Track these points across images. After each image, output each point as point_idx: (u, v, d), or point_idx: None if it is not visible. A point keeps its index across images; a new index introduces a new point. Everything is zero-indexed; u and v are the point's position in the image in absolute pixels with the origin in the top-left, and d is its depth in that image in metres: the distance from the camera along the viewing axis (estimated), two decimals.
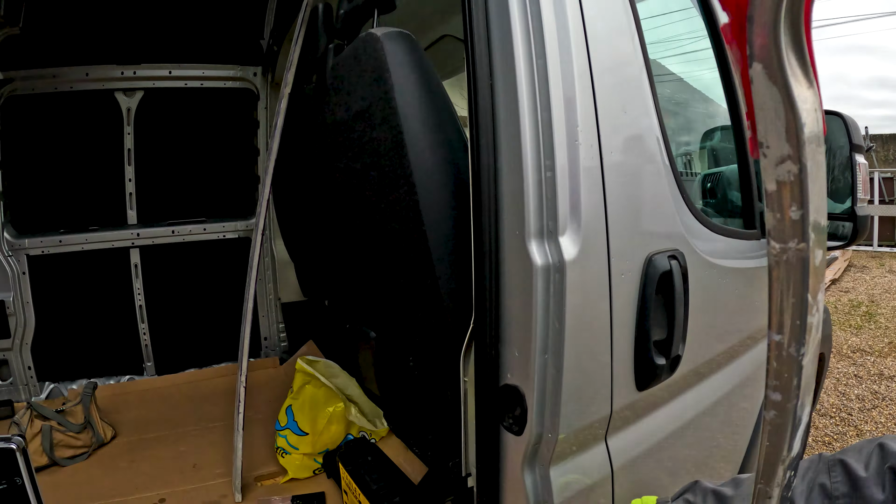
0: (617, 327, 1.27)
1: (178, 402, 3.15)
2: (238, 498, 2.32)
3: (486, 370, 1.21)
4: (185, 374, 3.48)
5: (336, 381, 2.52)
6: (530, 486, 1.24)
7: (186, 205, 3.48)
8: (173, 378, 3.45)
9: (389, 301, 1.84)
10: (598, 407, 1.28)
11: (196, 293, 3.57)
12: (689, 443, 1.66)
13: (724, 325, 1.77)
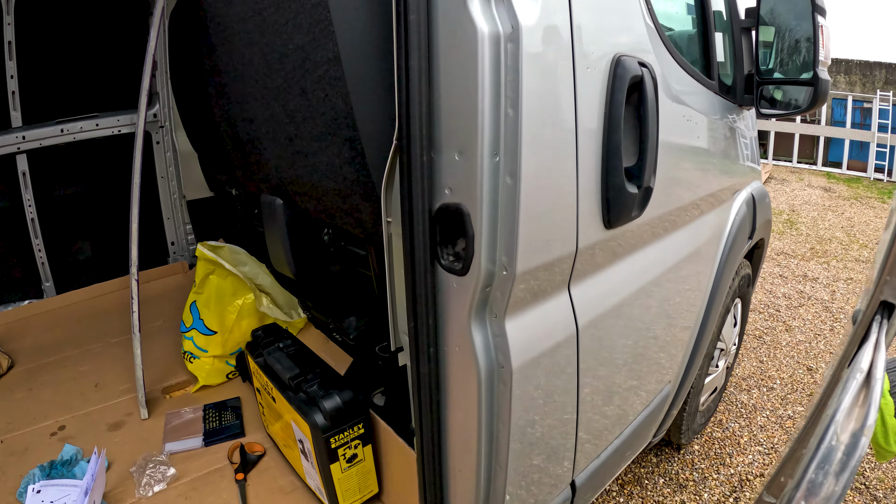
0: (583, 135, 0.98)
1: (79, 321, 2.80)
2: (144, 414, 2.04)
3: (416, 188, 0.90)
4: (88, 289, 3.10)
5: (244, 269, 2.18)
6: (480, 346, 0.97)
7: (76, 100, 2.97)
8: (75, 295, 3.06)
9: (304, 175, 1.51)
10: (562, 240, 1.00)
11: (94, 198, 3.13)
12: (653, 303, 1.45)
13: (691, 173, 1.57)
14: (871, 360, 0.46)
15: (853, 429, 0.44)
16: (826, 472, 0.43)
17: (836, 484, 0.43)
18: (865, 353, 0.47)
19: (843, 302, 4.27)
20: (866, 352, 0.47)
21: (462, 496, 1.19)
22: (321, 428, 1.38)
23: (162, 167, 3.24)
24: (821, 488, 0.43)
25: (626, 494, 2.36)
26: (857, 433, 0.44)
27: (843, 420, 0.44)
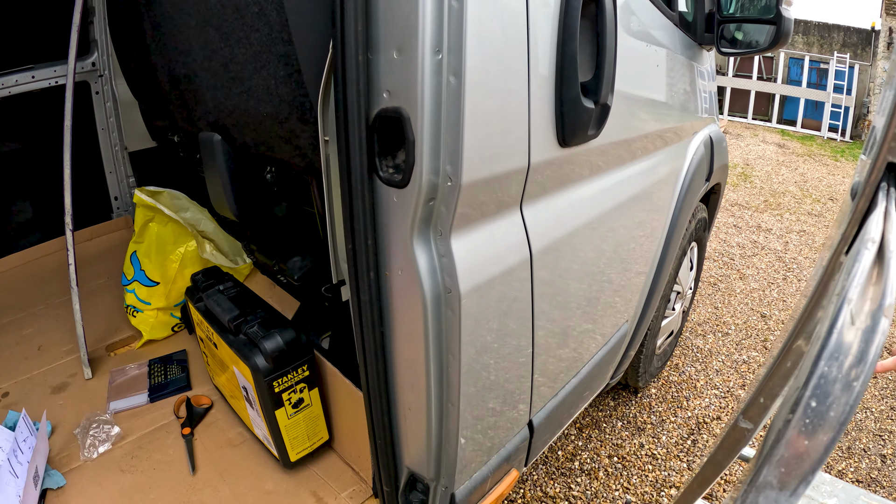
0: (537, 40, 0.90)
1: (21, 284, 2.66)
2: (88, 374, 1.94)
3: (352, 92, 0.80)
4: (29, 251, 2.92)
5: (185, 215, 2.05)
6: (425, 267, 0.89)
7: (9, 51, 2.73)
8: (15, 258, 2.89)
9: (241, 103, 1.40)
10: (512, 153, 0.93)
11: (33, 156, 2.93)
12: (609, 238, 1.40)
13: (650, 102, 1.51)
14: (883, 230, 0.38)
15: (870, 309, 0.35)
16: (841, 362, 0.35)
17: (857, 377, 0.34)
18: (874, 224, 0.39)
19: (795, 253, 4.37)
20: (874, 222, 0.39)
21: (413, 438, 1.13)
22: (262, 371, 1.30)
23: (102, 118, 3.06)
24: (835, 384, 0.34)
25: (585, 438, 2.36)
26: (876, 313, 0.35)
27: (857, 300, 0.36)
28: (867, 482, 2.27)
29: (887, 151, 0.36)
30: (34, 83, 2.78)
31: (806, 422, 0.33)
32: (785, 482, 0.35)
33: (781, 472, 0.35)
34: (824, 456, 0.34)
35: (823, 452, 0.34)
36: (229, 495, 1.47)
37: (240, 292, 1.51)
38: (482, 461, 1.25)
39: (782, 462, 0.34)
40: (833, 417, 0.33)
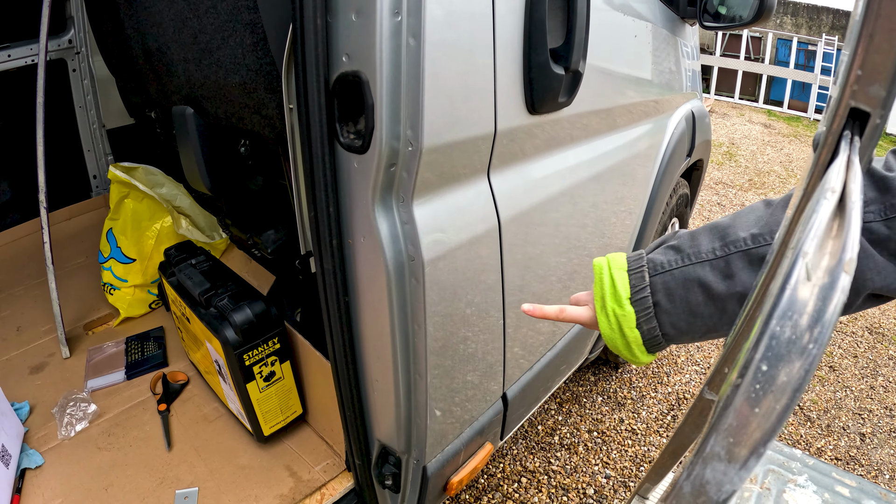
0: (503, 8, 0.88)
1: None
2: (66, 353, 1.92)
3: (311, 56, 0.78)
4: (7, 232, 2.89)
5: (161, 190, 2.01)
6: (386, 235, 0.88)
7: None
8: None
9: (211, 74, 1.38)
10: (477, 118, 0.91)
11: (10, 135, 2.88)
12: (584, 208, 1.39)
13: (628, 72, 1.49)
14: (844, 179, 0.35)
15: (828, 265, 0.32)
16: (795, 322, 0.31)
17: (812, 339, 0.31)
18: (835, 172, 0.36)
19: None
20: (835, 170, 0.36)
21: (383, 410, 1.13)
22: (232, 344, 1.29)
23: (79, 96, 3.02)
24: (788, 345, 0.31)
25: (565, 412, 2.38)
26: (835, 269, 0.32)
27: (815, 254, 0.33)
28: (846, 460, 2.30)
29: (849, 97, 0.34)
30: (10, 62, 2.73)
31: (756, 387, 0.31)
32: (734, 453, 0.32)
33: (730, 443, 0.32)
34: (777, 425, 0.31)
35: (776, 421, 0.31)
36: (204, 471, 1.47)
37: (212, 266, 1.49)
38: (455, 434, 1.25)
39: (731, 431, 0.32)
40: (786, 382, 0.30)
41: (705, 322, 0.70)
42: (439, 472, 1.24)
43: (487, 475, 2.09)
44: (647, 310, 0.72)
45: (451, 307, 1.02)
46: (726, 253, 0.69)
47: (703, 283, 0.69)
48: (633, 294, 0.72)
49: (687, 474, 0.33)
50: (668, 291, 0.71)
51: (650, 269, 0.73)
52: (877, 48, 0.30)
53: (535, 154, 1.13)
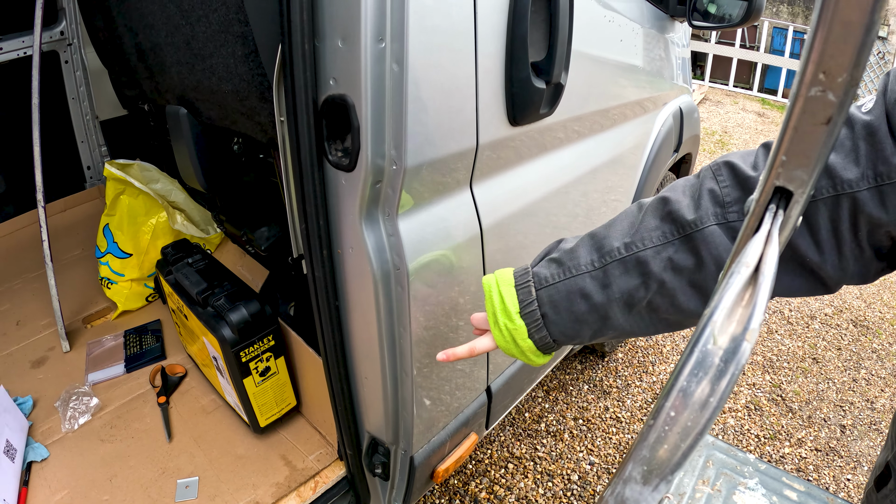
0: (485, 23, 0.93)
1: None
2: (66, 347, 1.96)
3: (299, 79, 0.83)
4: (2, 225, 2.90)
5: (156, 186, 2.06)
6: (373, 247, 0.94)
7: None
8: None
9: (204, 79, 1.41)
10: (459, 135, 0.96)
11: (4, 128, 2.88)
12: (566, 211, 1.45)
13: (612, 77, 1.53)
14: (761, 254, 0.40)
15: (734, 332, 0.38)
16: (700, 379, 0.37)
17: (712, 394, 0.37)
18: (753, 246, 0.41)
19: None
20: (755, 244, 0.41)
21: (372, 405, 1.19)
22: (230, 342, 1.35)
23: (72, 87, 3.01)
24: (693, 398, 0.37)
25: (552, 400, 2.46)
26: (739, 337, 0.37)
27: (723, 321, 0.38)
28: (825, 451, 2.34)
29: (775, 177, 0.39)
30: (3, 55, 2.73)
31: (665, 429, 0.37)
32: (647, 478, 0.38)
33: (644, 470, 0.39)
34: (682, 460, 0.37)
35: (681, 457, 0.37)
36: (204, 460, 1.53)
37: (208, 265, 1.55)
38: (441, 426, 1.32)
39: (644, 461, 0.38)
40: (689, 427, 0.37)
41: (591, 327, 0.77)
42: (426, 462, 1.31)
43: (475, 461, 2.17)
44: (536, 322, 0.78)
45: (435, 309, 1.08)
46: (603, 264, 0.74)
47: (584, 294, 0.75)
48: (522, 308, 0.78)
49: (611, 491, 0.39)
50: (554, 303, 0.77)
51: (536, 284, 0.79)
52: (800, 138, 0.35)
53: (517, 162, 1.18)
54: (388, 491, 1.39)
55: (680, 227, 0.71)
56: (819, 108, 0.31)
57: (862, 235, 0.67)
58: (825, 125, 0.31)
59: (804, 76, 0.30)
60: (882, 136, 0.63)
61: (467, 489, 2.06)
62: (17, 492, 1.40)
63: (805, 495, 0.77)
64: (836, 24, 0.28)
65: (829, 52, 0.28)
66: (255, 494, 1.43)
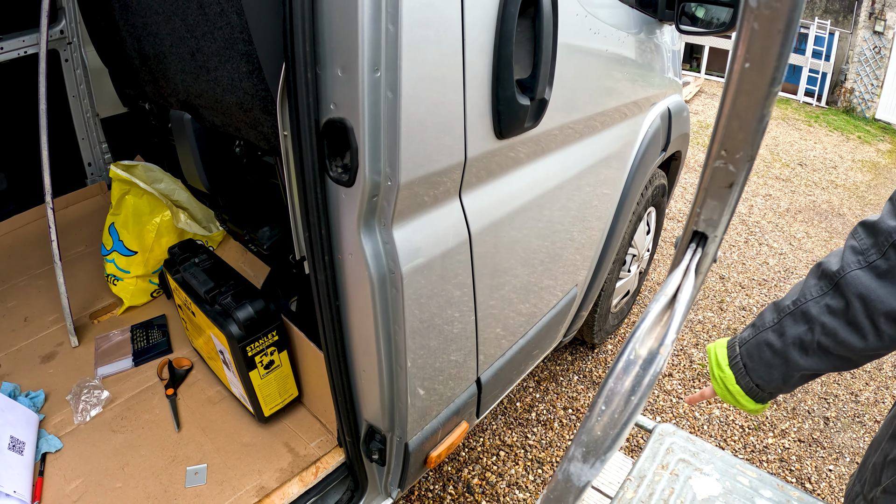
0: (472, 48, 1.01)
1: (1, 256, 2.67)
2: (74, 342, 2.03)
3: (303, 103, 0.92)
4: (6, 222, 2.94)
5: (160, 186, 2.14)
6: (370, 253, 1.03)
7: None
8: None
9: (208, 89, 1.48)
10: (448, 151, 1.05)
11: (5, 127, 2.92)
12: (552, 214, 1.54)
13: (596, 85, 1.60)
14: (679, 285, 0.50)
15: (652, 346, 0.48)
16: (624, 381, 0.48)
17: (634, 393, 0.47)
18: (674, 278, 0.51)
19: (759, 216, 4.50)
20: (675, 277, 0.51)
21: (369, 395, 1.29)
22: (237, 338, 1.44)
23: (72, 86, 3.05)
24: (619, 395, 0.47)
25: (542, 390, 2.56)
26: (654, 350, 0.48)
27: (644, 336, 0.49)
28: (808, 442, 2.42)
29: (693, 223, 0.49)
30: (3, 54, 2.76)
31: (598, 419, 0.48)
32: (586, 458, 0.49)
33: (584, 451, 0.49)
34: (613, 444, 0.48)
35: (612, 442, 0.48)
36: (211, 448, 1.62)
37: (214, 264, 1.64)
38: (433, 415, 1.42)
39: (583, 444, 0.49)
40: (617, 419, 0.48)
41: (778, 370, 0.97)
42: (420, 448, 1.41)
43: (468, 448, 2.27)
44: (740, 370, 1.01)
45: (427, 309, 1.18)
46: (779, 318, 0.96)
47: (768, 343, 0.97)
48: (731, 360, 1.03)
49: (560, 469, 0.49)
50: (750, 354, 1.00)
51: (739, 343, 1.03)
52: (711, 196, 0.44)
53: (503, 171, 1.27)
54: (385, 476, 1.49)
55: (830, 278, 0.89)
56: (723, 176, 0.40)
57: None
58: (728, 188, 0.41)
59: (711, 151, 0.39)
60: None
61: (460, 475, 2.16)
62: (32, 483, 1.48)
63: (756, 481, 0.86)
64: (733, 117, 0.37)
65: (729, 136, 0.37)
66: (260, 479, 1.52)
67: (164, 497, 1.49)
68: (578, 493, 0.49)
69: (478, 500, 2.09)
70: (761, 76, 0.33)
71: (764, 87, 0.34)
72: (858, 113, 8.30)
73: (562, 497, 0.50)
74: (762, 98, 0.35)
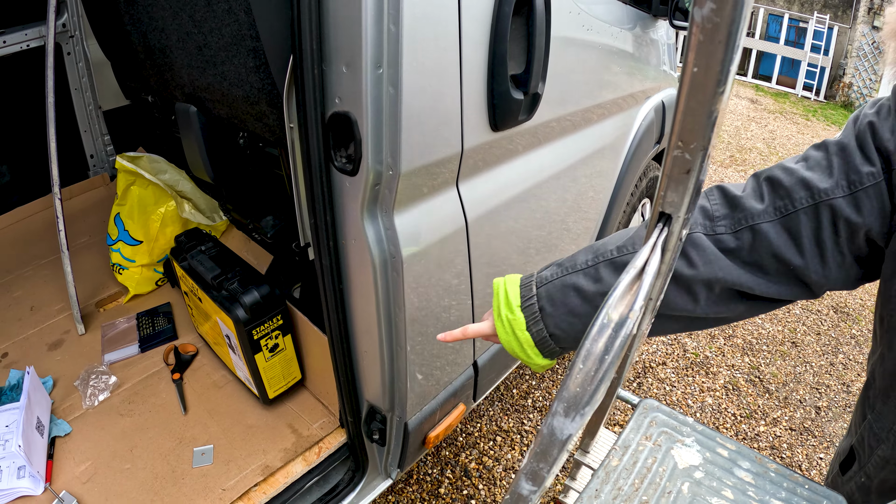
0: (469, 47, 1.07)
1: (6, 247, 2.72)
2: (81, 330, 2.08)
3: (309, 97, 0.98)
4: (10, 214, 2.98)
5: (164, 177, 2.19)
6: (373, 239, 1.09)
7: None
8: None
9: (215, 83, 1.53)
10: (446, 143, 1.11)
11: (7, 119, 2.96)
12: (546, 203, 1.60)
13: (589, 79, 1.65)
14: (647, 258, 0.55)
15: (622, 312, 0.53)
16: (598, 343, 0.52)
17: (607, 352, 0.52)
18: (643, 253, 0.55)
19: None
20: (644, 252, 0.55)
21: (370, 376, 1.35)
22: (243, 321, 1.50)
23: (75, 79, 3.08)
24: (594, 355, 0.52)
25: (538, 378, 2.62)
26: (624, 315, 0.52)
27: (616, 303, 0.53)
28: (800, 431, 2.47)
29: (659, 205, 0.54)
30: (6, 48, 2.79)
31: (577, 377, 0.53)
32: (567, 412, 0.54)
33: (565, 406, 0.55)
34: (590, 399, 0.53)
35: (589, 397, 0.53)
36: (217, 430, 1.68)
37: (219, 252, 1.69)
38: (432, 395, 1.48)
39: (564, 399, 0.55)
40: (593, 376, 0.53)
41: (583, 321, 0.84)
42: (418, 428, 1.48)
43: (465, 434, 2.33)
44: (534, 315, 0.85)
45: (426, 292, 1.24)
46: (596, 262, 0.84)
47: (577, 288, 0.84)
48: (523, 302, 0.86)
49: (545, 423, 0.55)
50: (550, 298, 0.85)
51: (537, 282, 0.88)
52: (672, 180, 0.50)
53: (498, 162, 1.33)
54: (385, 456, 1.55)
55: None
56: (681, 163, 0.46)
57: (842, 241, 0.77)
58: (686, 174, 0.47)
59: (670, 142, 0.45)
60: (852, 150, 0.75)
61: (458, 460, 2.23)
62: (45, 464, 1.54)
63: (735, 453, 0.92)
64: (687, 113, 0.43)
65: (684, 129, 0.43)
66: (265, 459, 1.59)
67: (171, 477, 1.55)
68: (562, 445, 0.55)
69: (475, 483, 2.16)
70: (707, 79, 0.39)
71: (711, 88, 0.40)
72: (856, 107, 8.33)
73: (547, 450, 0.56)
74: (710, 97, 0.41)
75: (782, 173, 0.80)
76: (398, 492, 2.11)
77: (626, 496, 0.83)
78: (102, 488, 1.51)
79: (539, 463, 0.57)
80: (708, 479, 0.86)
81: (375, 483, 1.62)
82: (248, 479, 1.53)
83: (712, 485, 0.86)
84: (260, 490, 1.51)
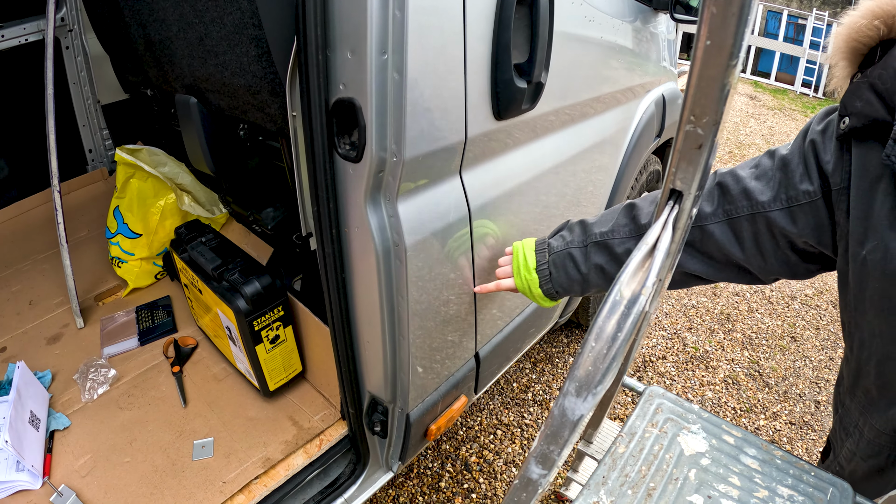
0: (473, 34, 1.06)
1: (4, 241, 2.70)
2: (80, 323, 2.07)
3: (313, 84, 0.97)
4: (9, 208, 2.96)
5: (164, 169, 2.18)
6: (376, 226, 1.08)
7: None
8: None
9: (216, 73, 1.52)
10: (450, 130, 1.11)
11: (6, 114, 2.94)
12: (548, 193, 1.59)
13: (591, 71, 1.65)
14: (658, 236, 0.55)
15: (634, 289, 0.53)
16: (610, 320, 0.53)
17: (620, 330, 0.52)
18: (654, 230, 0.56)
19: None
20: (655, 229, 0.56)
21: (373, 366, 1.35)
22: (244, 312, 1.49)
23: (73, 73, 3.06)
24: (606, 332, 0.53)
25: (539, 371, 2.62)
26: (637, 292, 0.53)
27: (628, 280, 0.54)
28: (799, 425, 2.48)
29: (670, 182, 0.55)
30: (4, 42, 2.77)
31: (590, 356, 0.54)
32: (579, 392, 0.55)
33: (577, 386, 0.55)
34: (602, 378, 0.54)
35: (601, 376, 0.54)
36: (218, 423, 1.67)
37: (220, 243, 1.68)
38: (433, 387, 1.48)
39: (576, 379, 0.55)
40: (605, 355, 0.54)
41: (578, 284, 1.14)
42: (420, 420, 1.47)
43: (466, 428, 2.33)
44: (545, 276, 1.17)
45: (429, 282, 1.23)
46: (586, 244, 1.11)
47: (573, 258, 1.13)
48: (538, 266, 1.18)
49: (556, 404, 0.55)
50: (556, 264, 1.15)
51: (549, 250, 1.17)
52: (684, 157, 0.50)
53: (501, 151, 1.32)
54: (386, 448, 1.55)
55: (638, 227, 1.02)
56: (693, 138, 0.45)
57: (782, 246, 0.87)
58: (698, 149, 0.46)
59: (682, 117, 0.45)
60: (794, 167, 0.84)
61: (458, 454, 2.23)
62: (43, 458, 1.53)
63: (741, 440, 0.92)
64: (699, 87, 0.42)
65: (696, 103, 0.43)
66: (266, 451, 1.58)
67: (171, 470, 1.54)
68: (573, 426, 0.54)
69: (475, 477, 2.16)
70: (721, 52, 0.39)
71: (724, 61, 0.40)
72: None
73: (558, 431, 0.55)
74: (723, 70, 0.41)
75: (732, 180, 0.92)
76: (399, 485, 2.11)
77: (634, 483, 0.82)
78: (102, 482, 1.50)
79: (550, 445, 0.56)
80: (714, 466, 0.86)
81: (377, 476, 1.62)
82: (248, 472, 1.52)
83: (719, 471, 0.86)
84: (260, 483, 1.50)
